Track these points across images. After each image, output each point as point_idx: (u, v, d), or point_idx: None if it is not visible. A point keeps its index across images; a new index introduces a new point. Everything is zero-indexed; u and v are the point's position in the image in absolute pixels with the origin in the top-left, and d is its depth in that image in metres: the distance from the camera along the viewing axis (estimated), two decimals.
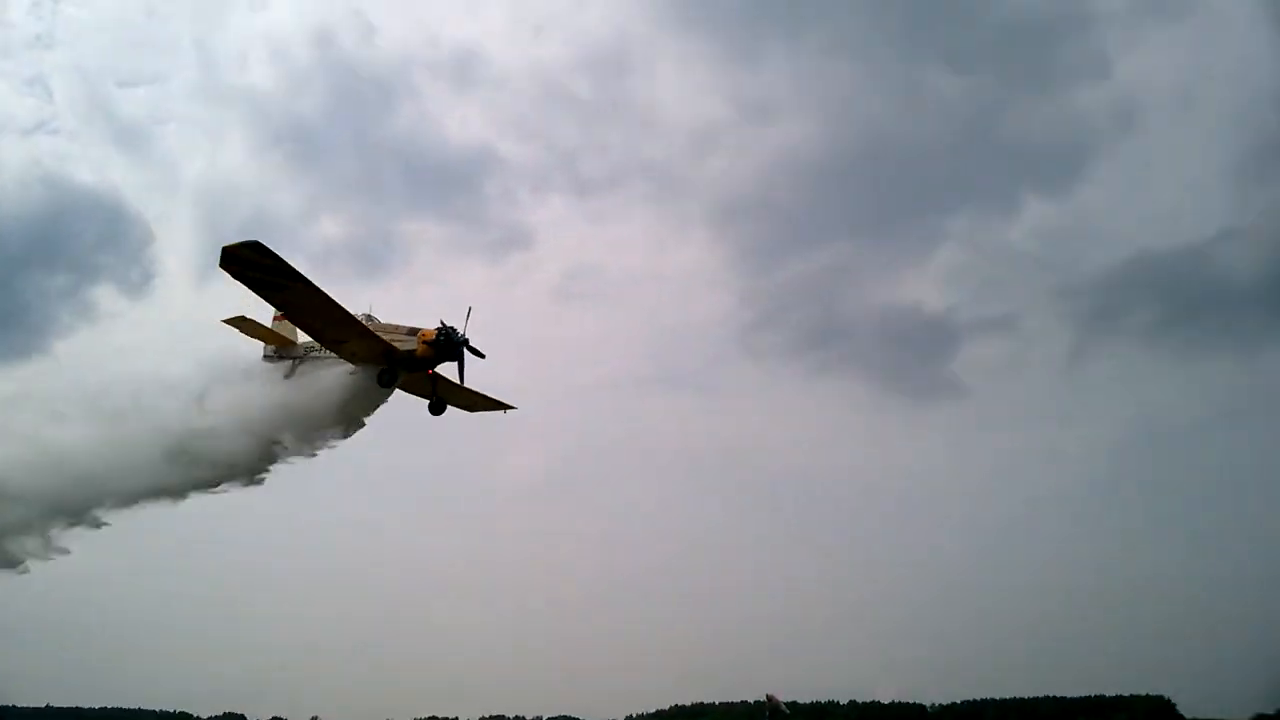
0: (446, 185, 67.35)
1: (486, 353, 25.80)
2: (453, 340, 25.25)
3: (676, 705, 69.16)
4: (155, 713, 75.45)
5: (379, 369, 25.72)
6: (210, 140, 69.73)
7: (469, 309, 25.26)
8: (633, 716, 73.83)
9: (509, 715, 77.05)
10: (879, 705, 64.43)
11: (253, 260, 21.54)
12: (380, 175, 65.36)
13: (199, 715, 72.85)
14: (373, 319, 26.32)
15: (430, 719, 73.26)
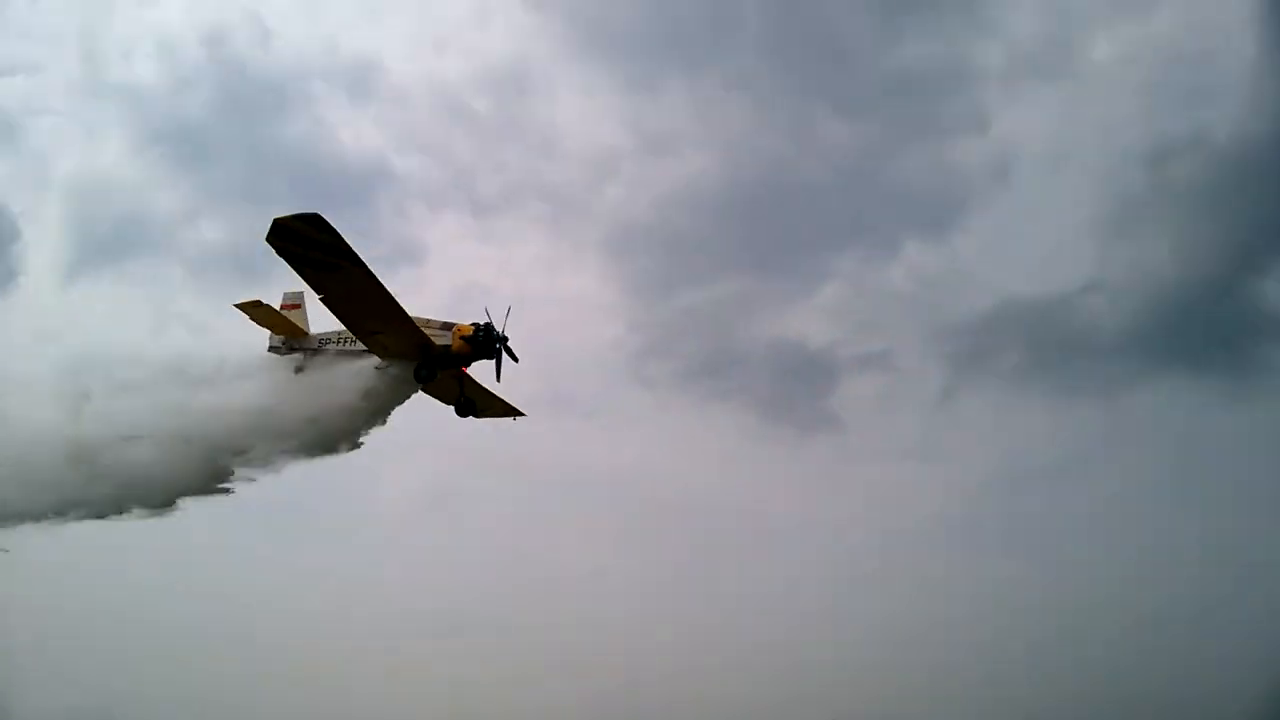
0: (337, 196, 64.61)
1: None
2: (491, 337, 23.65)
3: None
4: None
5: (414, 364, 23.88)
6: (87, 135, 64.72)
7: (509, 307, 23.67)
8: None
9: None
10: None
11: (306, 235, 19.34)
12: (267, 182, 62.24)
13: None
14: None
15: None
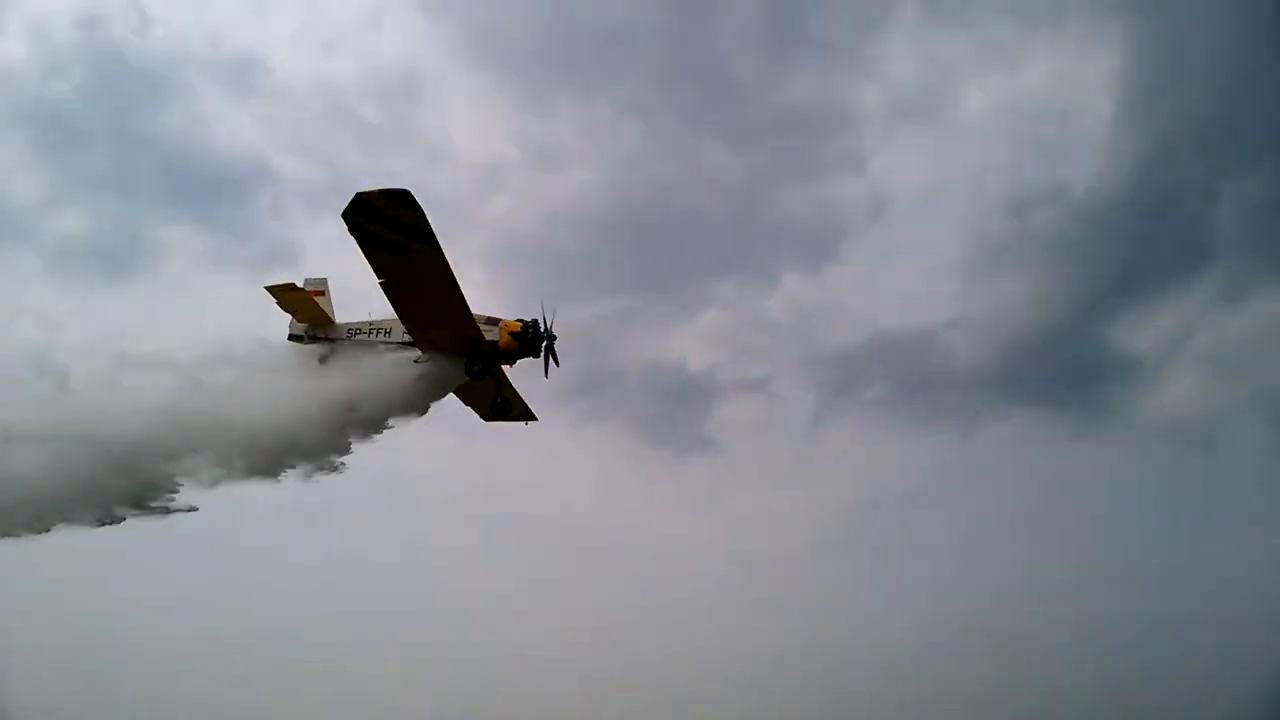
0: (211, 193, 61.67)
1: None
2: (538, 335, 22.78)
3: None
4: None
5: (457, 359, 22.66)
6: None
7: (554, 307, 22.92)
8: None
9: None
10: None
11: (389, 214, 18.10)
12: (137, 174, 58.89)
13: None
14: None
15: None
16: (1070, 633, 45.29)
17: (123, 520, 21.48)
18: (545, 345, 22.78)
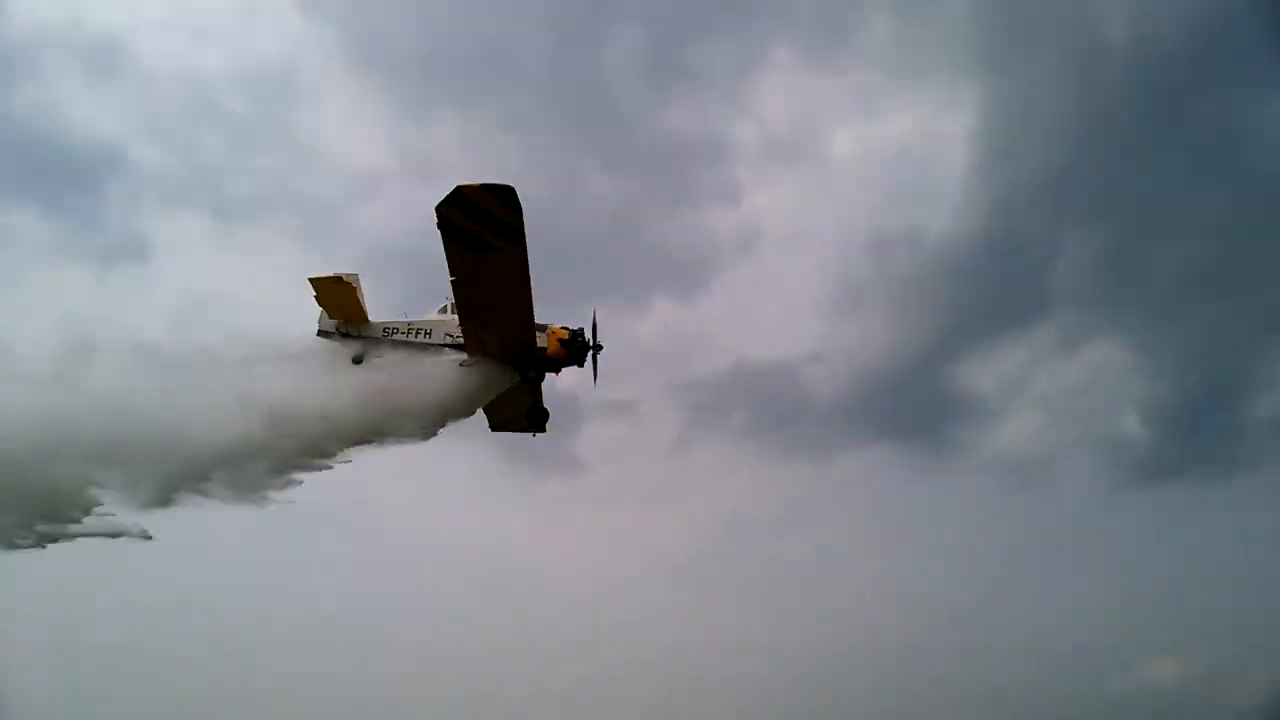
0: (59, 179, 58.88)
1: None
2: (586, 343, 22.65)
3: None
4: None
5: (509, 364, 22.18)
6: None
7: (594, 311, 22.75)
8: None
9: None
10: None
11: (486, 209, 17.70)
12: None
13: None
14: None
15: None
16: (909, 654, 48.82)
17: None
18: (592, 354, 22.68)
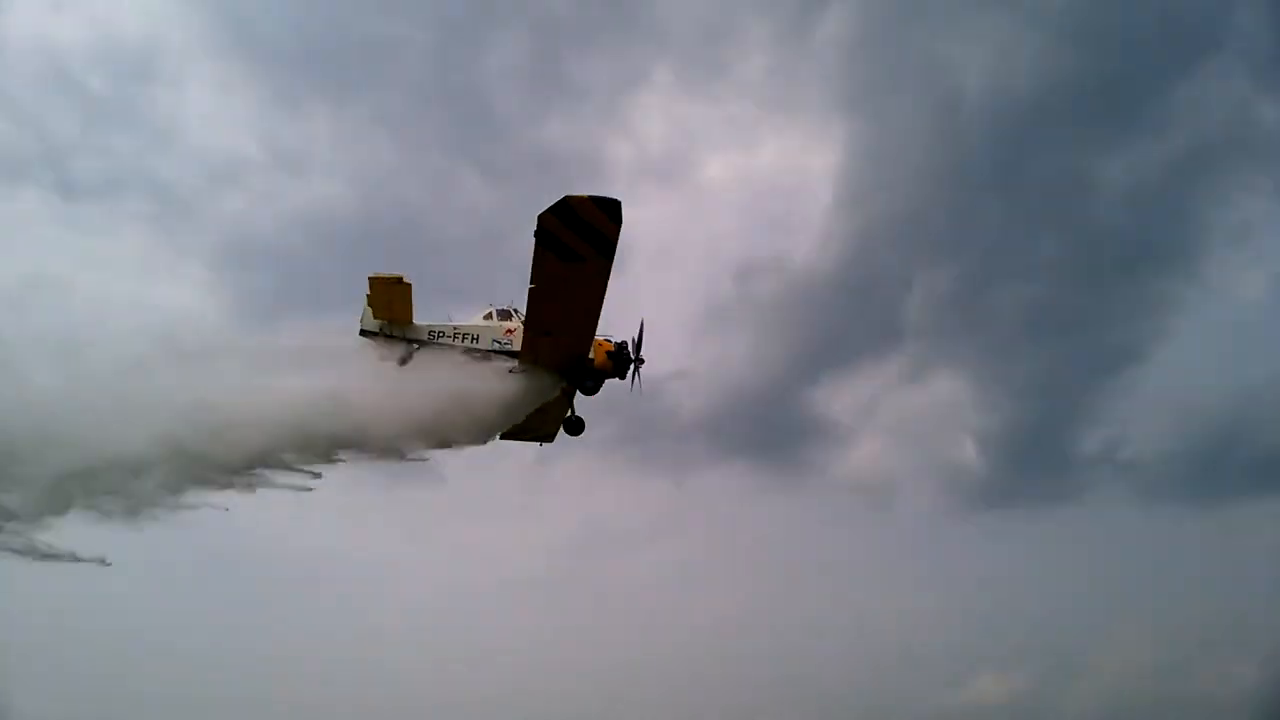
0: None
1: None
2: (629, 356, 23.35)
3: None
4: None
5: (557, 374, 22.56)
6: None
7: (641, 323, 23.44)
8: None
9: None
10: None
11: (587, 220, 18.24)
12: None
13: None
14: (514, 313, 23.12)
15: None
16: (754, 667, 51.26)
17: None
18: (634, 366, 23.35)
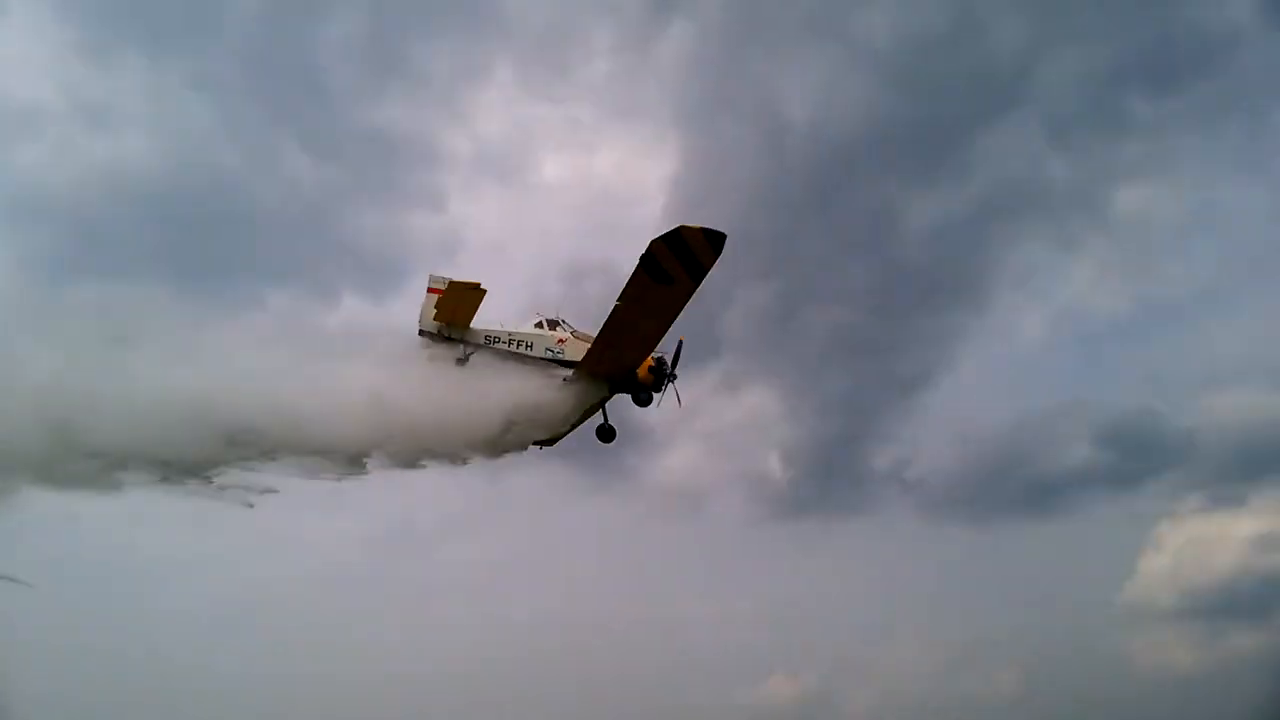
0: None
1: None
2: (666, 372, 24.52)
3: None
4: None
5: (605, 384, 23.34)
6: None
7: (680, 341, 24.17)
8: None
9: None
10: None
11: (691, 248, 19.23)
12: None
13: None
14: (560, 324, 23.79)
15: None
16: (557, 666, 53.84)
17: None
18: (670, 381, 24.50)
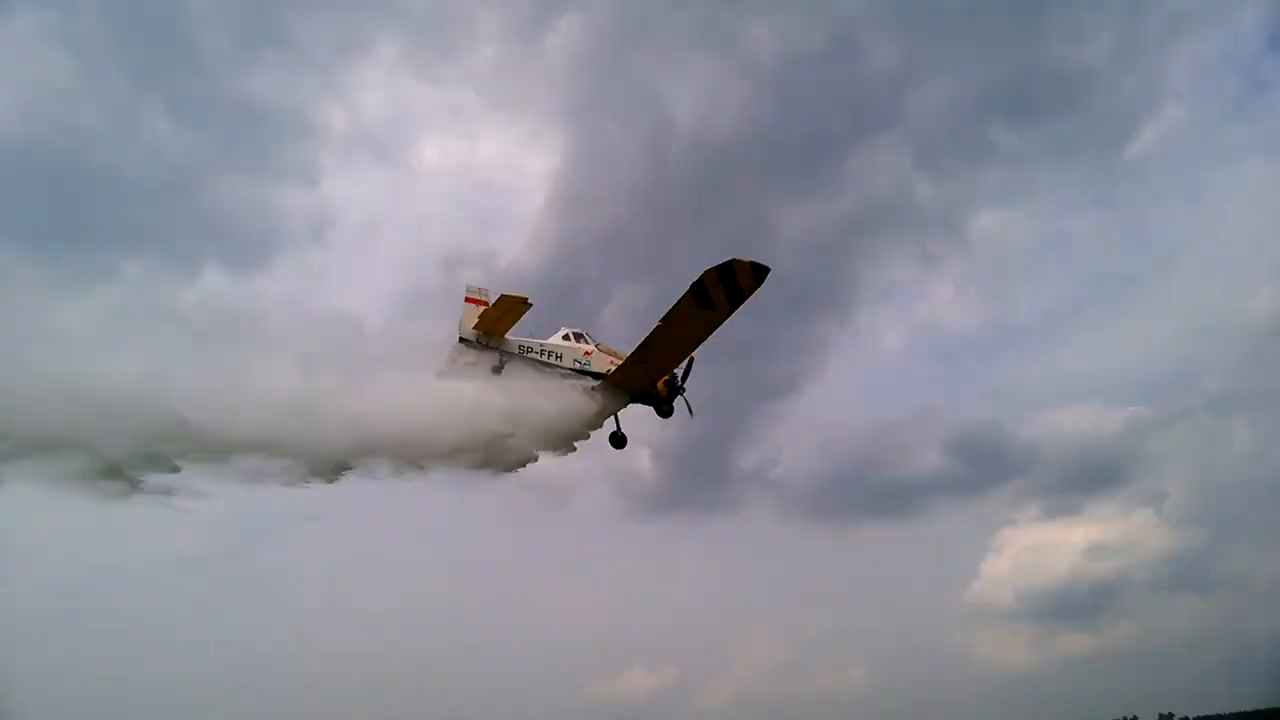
0: None
1: None
2: (677, 386, 25.73)
3: None
4: None
5: (626, 395, 24.36)
6: None
7: (692, 357, 25.44)
8: None
9: None
10: None
11: (738, 279, 20.50)
12: None
13: None
14: (585, 336, 24.72)
15: None
16: (412, 657, 57.94)
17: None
18: (680, 393, 25.73)
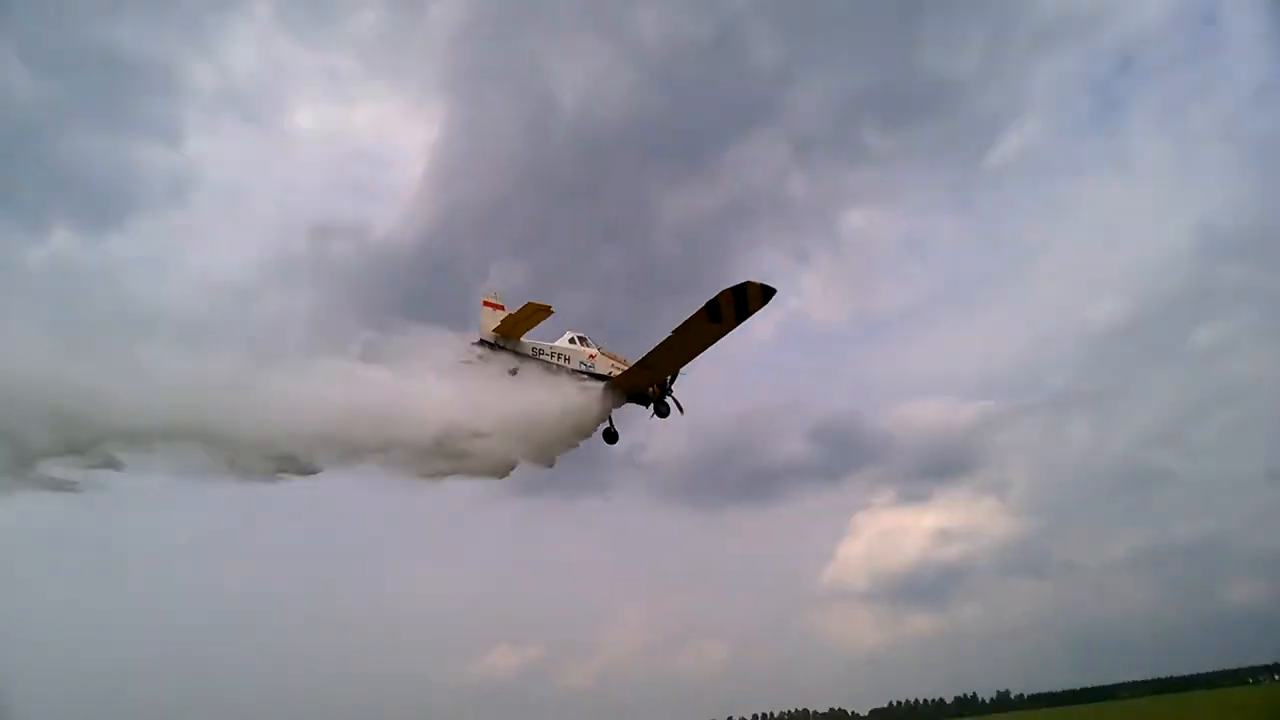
0: None
1: None
2: (667, 390, 27.47)
3: None
4: None
5: (624, 394, 25.84)
6: None
7: (681, 369, 27.49)
8: None
9: None
10: None
11: (748, 298, 22.21)
12: None
13: None
14: (587, 340, 26.13)
15: None
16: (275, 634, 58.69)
17: None
18: (670, 395, 27.48)
